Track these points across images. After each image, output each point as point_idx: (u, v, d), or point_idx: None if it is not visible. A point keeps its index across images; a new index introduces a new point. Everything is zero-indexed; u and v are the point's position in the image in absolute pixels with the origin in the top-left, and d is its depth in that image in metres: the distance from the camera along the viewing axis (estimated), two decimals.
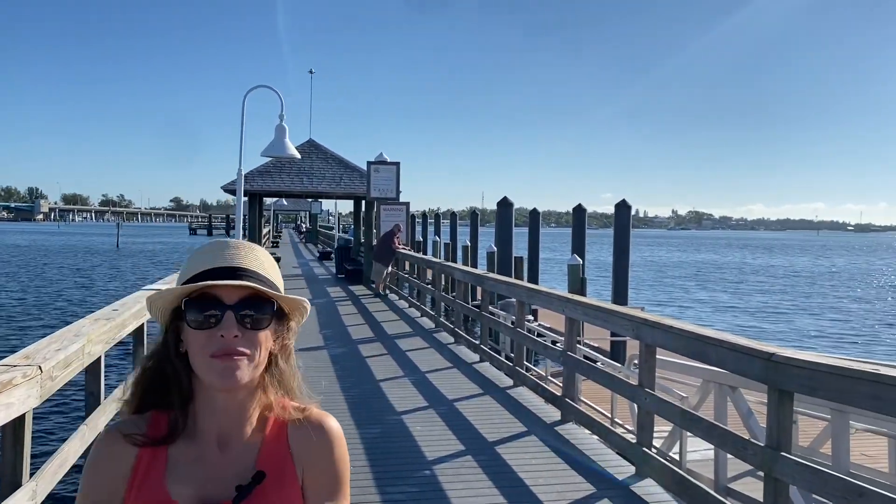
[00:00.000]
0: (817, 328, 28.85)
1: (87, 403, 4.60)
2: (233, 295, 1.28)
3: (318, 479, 1.36)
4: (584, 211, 17.95)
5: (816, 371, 3.62)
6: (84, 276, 39.50)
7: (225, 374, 1.26)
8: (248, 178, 20.55)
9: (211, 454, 1.33)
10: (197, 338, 1.28)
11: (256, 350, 1.29)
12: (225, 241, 1.37)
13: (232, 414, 1.34)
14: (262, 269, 1.34)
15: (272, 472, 1.33)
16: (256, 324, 1.29)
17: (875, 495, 3.25)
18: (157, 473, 1.30)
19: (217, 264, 1.31)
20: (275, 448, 1.35)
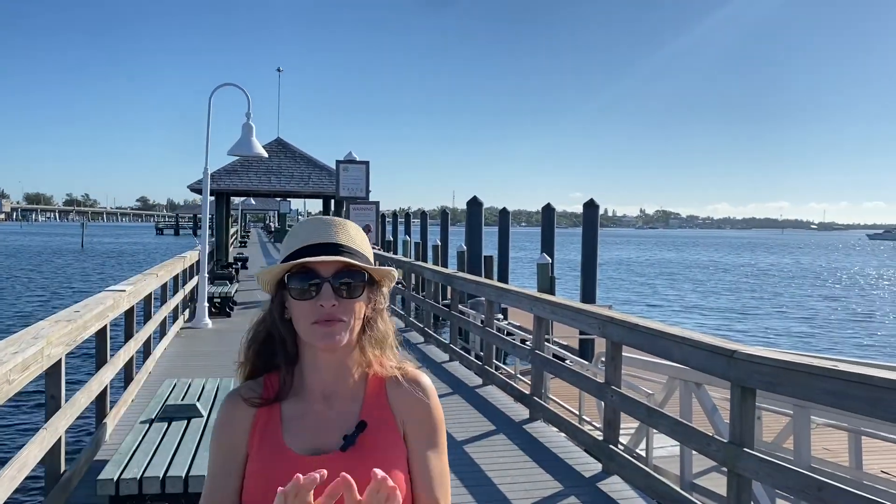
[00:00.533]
0: (784, 326, 29.32)
1: (47, 407, 4.50)
2: (329, 268, 1.43)
3: (418, 431, 1.49)
4: (553, 210, 18.05)
5: (777, 368, 3.67)
6: (47, 278, 38.74)
7: (326, 337, 1.41)
8: (215, 177, 20.31)
9: (318, 409, 1.48)
10: (299, 307, 1.42)
11: (352, 316, 1.44)
12: (321, 219, 1.51)
13: (334, 371, 1.48)
14: (354, 244, 1.47)
15: (374, 422, 1.46)
16: (351, 292, 1.44)
17: (833, 488, 3.31)
18: (274, 428, 1.47)
19: (314, 241, 1.45)
20: (375, 401, 1.49)
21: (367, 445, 1.43)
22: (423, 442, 1.48)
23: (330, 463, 1.34)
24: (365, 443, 1.43)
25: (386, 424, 1.47)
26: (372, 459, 1.38)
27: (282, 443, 1.45)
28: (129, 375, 7.34)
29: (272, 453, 1.44)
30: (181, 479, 3.96)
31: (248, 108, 13.10)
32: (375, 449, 1.44)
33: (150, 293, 8.69)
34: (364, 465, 1.33)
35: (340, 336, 1.42)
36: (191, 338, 11.53)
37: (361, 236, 1.51)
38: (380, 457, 1.42)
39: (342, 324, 1.42)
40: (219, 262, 20.08)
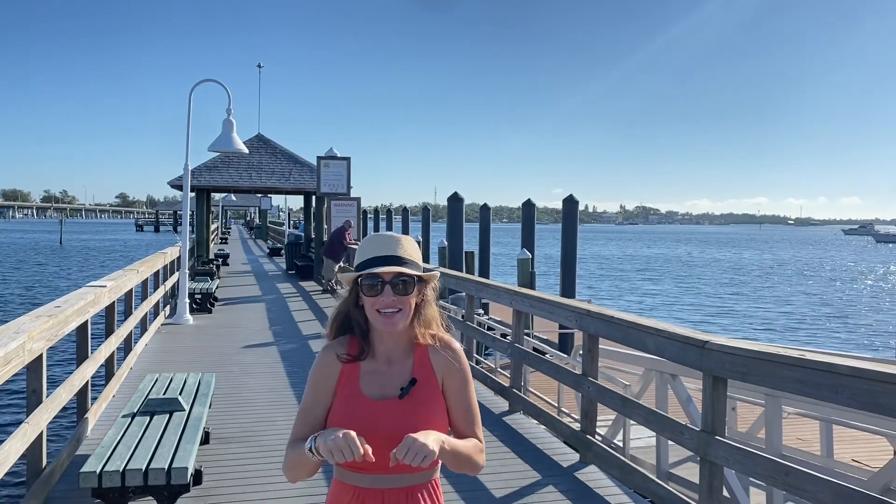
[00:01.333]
0: (765, 319, 29.67)
1: (28, 401, 4.51)
2: (389, 274, 2.00)
3: (452, 381, 2.09)
4: (533, 206, 18.15)
5: (747, 357, 3.78)
6: (27, 275, 38.33)
7: (386, 324, 2.00)
8: (195, 174, 20.20)
9: (383, 368, 2.07)
10: (368, 300, 2.01)
11: (406, 306, 2.02)
12: (383, 235, 2.09)
13: (393, 342, 2.08)
14: (408, 254, 2.05)
15: (421, 379, 2.05)
16: (405, 291, 2.01)
17: (798, 473, 3.42)
18: (354, 379, 2.06)
19: (379, 253, 2.03)
20: (421, 364, 2.09)
21: (416, 395, 2.03)
22: (456, 388, 2.09)
23: (391, 405, 2.01)
24: (415, 393, 2.03)
25: (429, 380, 2.07)
26: (421, 404, 2.02)
27: (359, 390, 2.04)
28: (110, 371, 7.34)
29: (352, 397, 2.03)
30: (164, 471, 4.01)
31: (229, 104, 13.08)
32: (423, 397, 2.03)
33: (132, 289, 8.67)
34: (415, 408, 2.01)
35: (396, 323, 2.01)
36: (172, 333, 11.51)
37: (413, 247, 2.09)
38: (425, 403, 2.03)
39: (399, 313, 2.00)
40: (199, 258, 19.99)
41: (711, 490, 4.11)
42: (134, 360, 8.90)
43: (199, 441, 4.81)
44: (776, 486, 3.65)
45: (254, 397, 7.55)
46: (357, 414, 2.00)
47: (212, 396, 6.13)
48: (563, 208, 16.59)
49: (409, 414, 1.99)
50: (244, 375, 8.56)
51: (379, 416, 1.99)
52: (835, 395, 3.30)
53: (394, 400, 2.01)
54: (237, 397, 7.52)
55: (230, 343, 10.76)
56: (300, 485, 5.07)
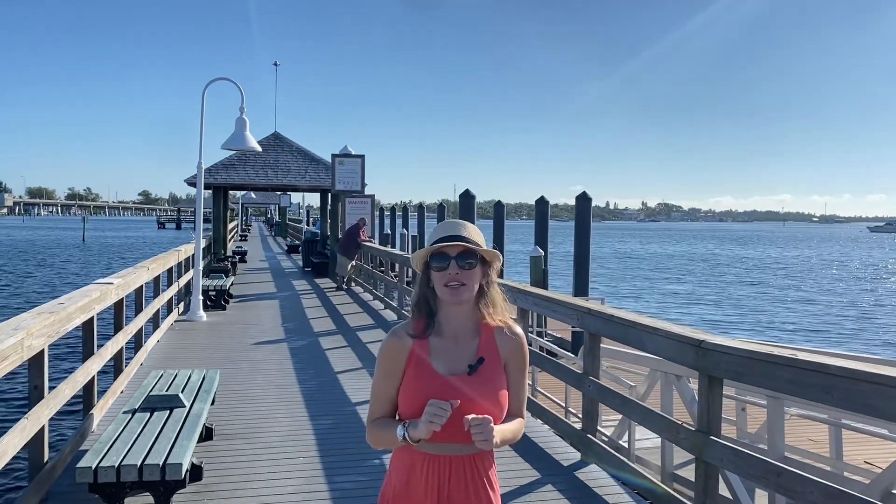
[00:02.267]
0: (788, 319, 29.27)
1: (30, 397, 4.57)
2: (454, 250, 2.21)
3: (514, 364, 2.30)
4: (547, 203, 18.08)
5: (741, 357, 3.74)
6: (49, 272, 38.86)
7: (453, 294, 2.19)
8: (211, 172, 20.37)
9: (452, 346, 2.25)
10: (437, 275, 2.21)
11: (470, 280, 2.21)
12: (450, 222, 2.33)
13: (460, 320, 2.26)
14: (471, 235, 2.25)
15: (488, 357, 2.23)
16: (469, 265, 2.21)
17: (790, 474, 3.38)
18: (424, 355, 2.23)
19: (446, 234, 2.25)
20: (487, 344, 2.27)
21: (483, 372, 2.21)
22: (516, 371, 2.30)
23: (460, 381, 2.19)
24: (482, 370, 2.21)
25: (495, 360, 2.25)
26: (487, 381, 2.21)
27: (430, 366, 2.21)
28: (118, 367, 7.42)
29: (423, 372, 2.21)
30: (158, 467, 4.05)
31: (242, 103, 13.15)
32: (489, 375, 2.21)
33: (142, 286, 8.76)
34: (481, 384, 2.20)
35: (462, 294, 2.19)
36: (184, 330, 11.61)
37: (477, 232, 2.28)
38: (491, 381, 2.21)
39: (464, 287, 2.19)
40: (215, 255, 20.14)
41: (707, 491, 4.08)
42: (144, 356, 8.99)
43: (198, 437, 4.86)
44: (768, 488, 3.61)
45: (260, 394, 7.59)
46: (428, 387, 2.17)
47: (215, 393, 6.18)
48: (576, 205, 16.48)
49: (475, 389, 2.18)
50: (253, 372, 8.61)
51: (448, 390, 2.16)
52: (827, 396, 3.26)
53: (462, 376, 2.19)
54: (244, 394, 7.57)
55: (242, 340, 10.84)
56: (298, 481, 5.10)
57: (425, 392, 2.15)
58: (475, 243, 2.24)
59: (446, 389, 2.16)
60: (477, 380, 2.20)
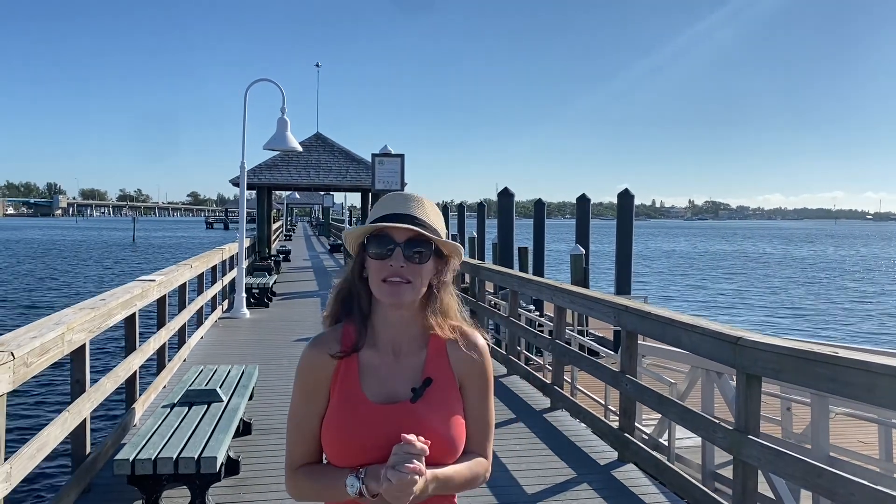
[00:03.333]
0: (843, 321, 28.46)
1: (72, 390, 4.68)
2: (402, 235, 1.65)
3: (473, 384, 1.75)
4: (588, 201, 17.89)
5: (779, 354, 3.64)
6: (100, 270, 39.91)
7: (391, 294, 1.63)
8: (255, 172, 20.67)
9: (388, 361, 1.71)
10: (374, 265, 1.65)
11: (417, 278, 1.66)
12: (401, 194, 1.73)
13: (400, 328, 1.71)
14: (427, 218, 1.69)
15: (437, 378, 1.70)
16: (419, 258, 1.65)
17: (830, 475, 3.28)
18: (353, 377, 1.69)
19: (394, 210, 1.68)
20: (437, 360, 1.73)
21: (431, 398, 1.67)
22: (475, 393, 1.75)
23: (400, 411, 1.65)
24: (429, 396, 1.67)
25: (447, 381, 1.71)
26: (435, 411, 1.67)
27: (360, 391, 1.68)
28: (161, 362, 7.56)
29: (351, 400, 1.67)
30: (193, 461, 4.10)
31: (283, 103, 13.32)
32: (438, 402, 1.68)
33: (185, 283, 8.92)
34: (428, 414, 1.66)
35: (404, 294, 1.64)
36: (228, 327, 11.79)
37: (436, 213, 1.72)
38: (441, 409, 1.68)
39: (408, 285, 1.64)
40: (259, 254, 20.42)
41: (745, 491, 3.98)
42: (187, 352, 9.15)
43: (234, 432, 4.92)
44: (808, 489, 3.51)
45: None
46: (356, 420, 1.64)
47: (254, 388, 6.25)
48: (618, 202, 16.28)
49: (420, 421, 1.63)
50: (292, 368, 8.49)
51: (384, 423, 1.63)
52: (869, 395, 3.15)
53: (403, 403, 1.65)
54: (283, 389, 7.64)
55: (283, 336, 10.96)
56: None
57: (352, 425, 1.64)
58: (432, 229, 1.68)
59: (379, 422, 1.63)
60: (422, 408, 1.65)
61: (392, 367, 1.70)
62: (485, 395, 1.77)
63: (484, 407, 1.77)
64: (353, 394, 1.67)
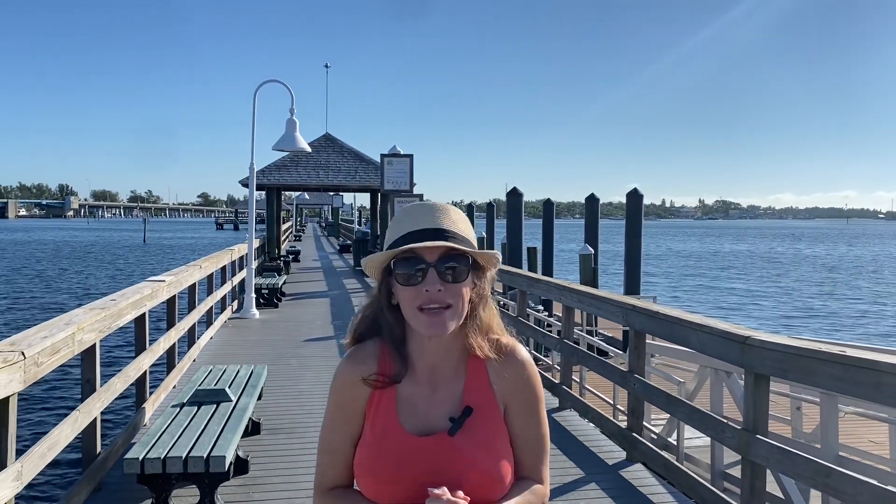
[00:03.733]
0: (857, 321, 28.26)
1: (82, 390, 4.72)
2: (433, 253, 1.46)
3: (518, 403, 1.56)
4: (597, 201, 17.87)
5: (787, 353, 3.63)
6: (111, 271, 40.14)
7: (432, 325, 1.45)
8: (264, 173, 20.74)
9: (426, 390, 1.55)
10: (405, 291, 1.47)
11: (458, 300, 1.48)
12: (423, 205, 1.54)
13: (438, 355, 1.54)
14: (457, 228, 1.50)
15: (478, 406, 1.53)
16: (456, 277, 1.47)
17: (839, 475, 3.27)
18: (389, 407, 1.54)
19: (418, 226, 1.49)
20: (477, 384, 1.55)
21: (473, 429, 1.50)
22: (522, 412, 1.56)
23: (439, 445, 1.50)
24: (471, 426, 1.50)
25: (489, 407, 1.53)
26: (478, 443, 1.50)
27: (396, 422, 1.53)
28: (171, 362, 7.60)
29: (387, 431, 1.52)
30: (202, 460, 4.12)
31: (292, 104, 13.38)
32: (480, 432, 1.51)
33: (194, 283, 8.96)
34: (469, 447, 1.49)
35: (446, 323, 1.46)
36: (237, 327, 11.85)
37: (464, 221, 1.54)
38: (483, 440, 1.51)
39: (450, 310, 1.46)
40: (269, 254, 20.51)
41: (753, 490, 3.97)
42: (197, 352, 9.19)
43: (243, 431, 4.94)
44: (816, 488, 3.50)
45: (308, 389, 7.70)
46: (391, 454, 1.50)
47: (262, 388, 6.28)
48: (626, 202, 16.26)
49: (461, 456, 1.48)
50: (301, 368, 8.73)
51: (420, 458, 1.49)
52: (876, 393, 3.14)
53: (441, 436, 1.50)
54: (292, 389, 7.68)
55: (292, 337, 11.00)
56: None
57: (386, 459, 1.50)
58: (465, 239, 1.50)
59: (415, 456, 1.49)
60: (463, 441, 1.49)
61: (430, 396, 1.54)
62: (533, 412, 1.57)
63: (534, 425, 1.57)
64: (388, 425, 1.53)
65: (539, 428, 1.58)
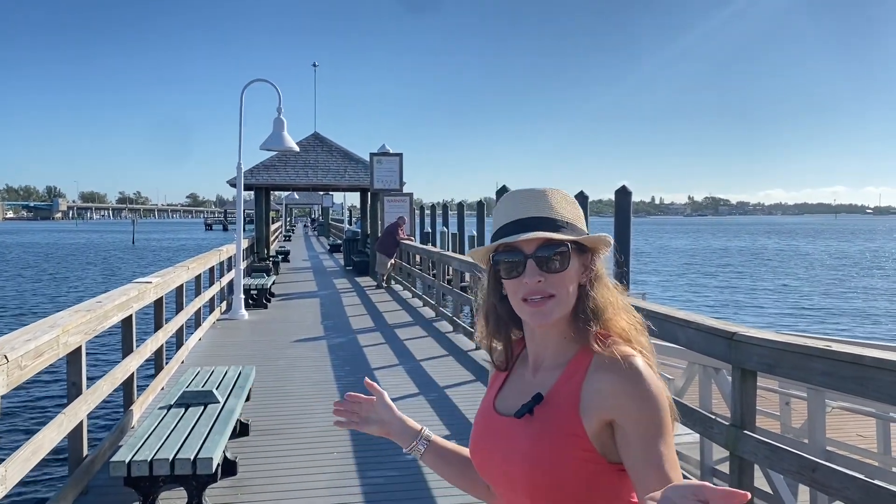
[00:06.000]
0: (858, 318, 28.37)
1: (68, 393, 4.69)
2: (530, 244, 1.42)
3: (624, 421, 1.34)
4: (586, 198, 17.81)
5: (773, 349, 3.64)
6: (99, 274, 39.92)
7: (535, 316, 1.42)
8: (253, 172, 20.66)
9: (528, 375, 1.51)
10: (508, 284, 1.45)
11: (562, 289, 1.41)
12: (520, 193, 1.49)
13: (543, 342, 1.48)
14: (556, 214, 1.44)
15: (558, 397, 1.42)
16: (557, 266, 1.41)
17: (826, 469, 3.28)
18: (496, 385, 1.58)
19: (512, 217, 1.45)
20: (571, 376, 1.42)
21: (540, 416, 1.41)
22: (633, 435, 1.32)
23: (502, 423, 1.49)
24: (540, 413, 1.42)
25: (565, 402, 1.40)
26: (535, 430, 1.42)
27: (493, 400, 1.56)
28: (158, 364, 7.56)
29: (484, 406, 1.58)
30: (190, 462, 4.10)
31: (279, 103, 13.32)
32: (543, 421, 1.41)
33: (182, 285, 8.92)
34: (524, 431, 1.43)
35: (549, 313, 1.41)
36: (226, 329, 11.80)
37: (567, 204, 1.47)
38: (543, 429, 1.41)
39: (552, 300, 1.40)
40: (258, 255, 20.44)
41: (741, 486, 3.98)
42: (185, 354, 9.15)
43: (231, 433, 4.92)
44: (804, 483, 3.51)
45: (297, 390, 7.67)
46: (477, 426, 1.57)
47: (250, 389, 6.26)
48: (615, 199, 16.24)
49: (510, 436, 1.45)
50: (290, 369, 8.71)
51: (491, 433, 1.51)
52: (861, 388, 3.15)
53: (509, 417, 1.48)
54: (281, 390, 7.65)
55: (281, 337, 10.96)
56: (331, 476, 5.13)
57: (476, 428, 1.58)
58: (567, 227, 1.44)
59: (495, 433, 1.51)
60: (530, 427, 1.42)
61: (529, 380, 1.51)
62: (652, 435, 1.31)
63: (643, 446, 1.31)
64: (487, 401, 1.58)
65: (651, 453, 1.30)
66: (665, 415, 1.34)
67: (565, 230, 1.43)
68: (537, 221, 1.43)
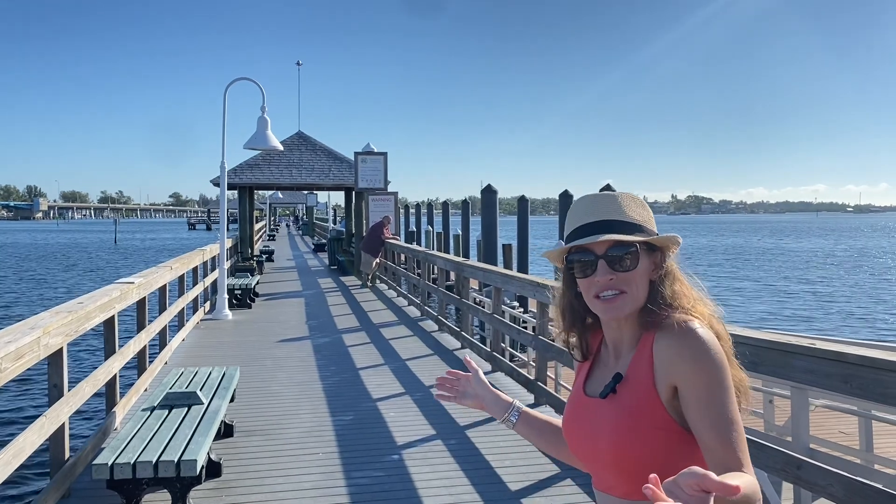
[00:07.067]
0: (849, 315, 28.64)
1: (49, 395, 4.63)
2: (601, 245, 1.55)
3: (684, 384, 1.46)
4: (571, 197, 17.93)
5: (757, 346, 3.65)
6: (81, 274, 39.55)
7: (607, 311, 1.56)
8: (236, 172, 20.54)
9: (610, 361, 1.65)
10: (581, 283, 1.59)
11: (632, 285, 1.55)
12: (591, 197, 1.63)
13: (618, 331, 1.62)
14: (625, 216, 1.58)
15: (635, 374, 1.55)
16: (627, 265, 1.55)
17: (811, 467, 3.30)
18: (583, 372, 1.71)
19: (583, 221, 1.59)
20: (642, 356, 1.55)
21: (621, 395, 1.56)
22: (690, 392, 1.44)
23: (593, 404, 1.62)
24: (622, 393, 1.56)
25: (640, 378, 1.53)
26: (616, 408, 1.55)
27: (581, 383, 1.69)
28: (142, 365, 7.50)
29: (575, 391, 1.72)
30: (173, 464, 4.07)
31: (263, 102, 13.24)
32: (623, 399, 1.55)
33: (165, 285, 8.85)
34: (607, 410, 1.57)
35: (620, 309, 1.55)
36: (210, 329, 11.72)
37: (637, 206, 1.60)
38: (623, 406, 1.54)
39: (623, 296, 1.54)
40: (242, 254, 20.33)
41: None
42: (169, 354, 9.08)
43: (215, 434, 4.88)
44: (788, 480, 3.53)
45: (281, 390, 7.63)
46: (569, 410, 1.71)
47: (234, 390, 6.22)
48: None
49: (596, 415, 1.59)
50: (275, 369, 8.66)
51: (580, 415, 1.65)
52: (844, 385, 3.17)
53: (596, 399, 1.61)
54: (266, 390, 7.61)
55: (266, 338, 10.91)
56: (317, 477, 5.11)
57: (567, 411, 1.72)
58: (634, 225, 1.57)
59: (583, 414, 1.65)
60: (606, 404, 1.57)
61: (610, 365, 1.64)
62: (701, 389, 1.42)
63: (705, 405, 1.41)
64: (577, 386, 1.71)
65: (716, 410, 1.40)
66: (721, 374, 1.44)
67: (635, 231, 1.56)
68: (608, 224, 1.56)
